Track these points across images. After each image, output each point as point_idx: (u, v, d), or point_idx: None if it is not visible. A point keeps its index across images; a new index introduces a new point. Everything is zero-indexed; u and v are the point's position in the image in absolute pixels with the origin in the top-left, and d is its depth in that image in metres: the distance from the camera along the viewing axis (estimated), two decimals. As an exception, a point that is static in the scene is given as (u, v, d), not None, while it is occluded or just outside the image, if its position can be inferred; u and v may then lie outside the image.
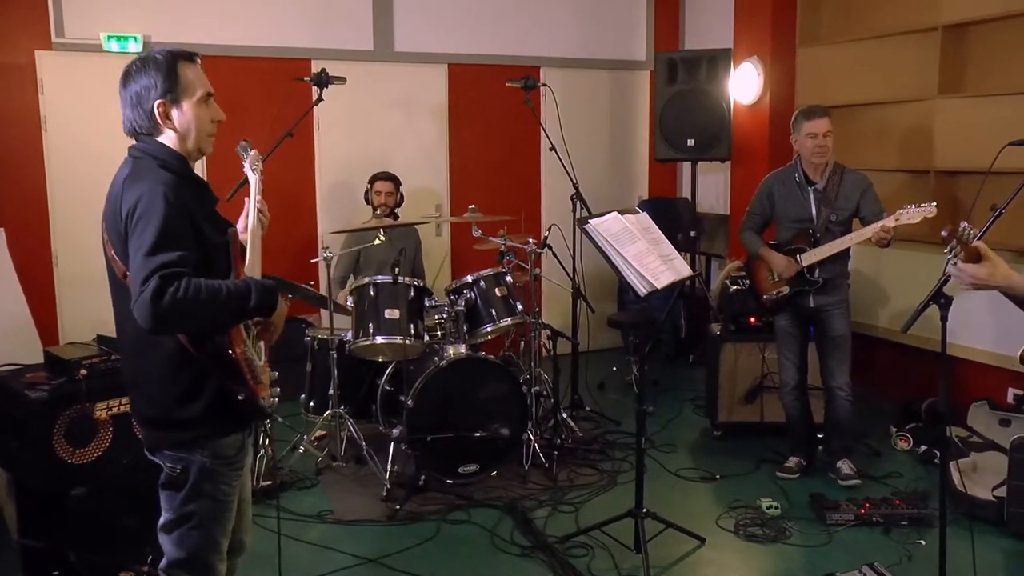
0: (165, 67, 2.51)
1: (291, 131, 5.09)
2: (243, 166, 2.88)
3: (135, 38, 6.07)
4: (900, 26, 6.06)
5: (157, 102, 2.49)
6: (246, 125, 6.03)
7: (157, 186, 2.37)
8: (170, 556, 2.63)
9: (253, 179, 2.85)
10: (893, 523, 4.34)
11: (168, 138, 2.53)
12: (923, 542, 4.18)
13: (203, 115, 2.58)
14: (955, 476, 4.49)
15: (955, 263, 2.76)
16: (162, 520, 2.64)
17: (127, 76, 2.53)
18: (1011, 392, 5.42)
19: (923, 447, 5.31)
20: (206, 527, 2.61)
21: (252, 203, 2.76)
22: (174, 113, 2.52)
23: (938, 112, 5.78)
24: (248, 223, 2.78)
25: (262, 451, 4.75)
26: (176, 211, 2.35)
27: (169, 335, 2.42)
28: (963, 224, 2.74)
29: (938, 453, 4.93)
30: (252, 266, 2.65)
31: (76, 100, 6.02)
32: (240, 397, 2.49)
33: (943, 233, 2.77)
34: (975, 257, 2.75)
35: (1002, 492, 4.33)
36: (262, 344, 2.66)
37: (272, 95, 6.37)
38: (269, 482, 4.71)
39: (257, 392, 2.53)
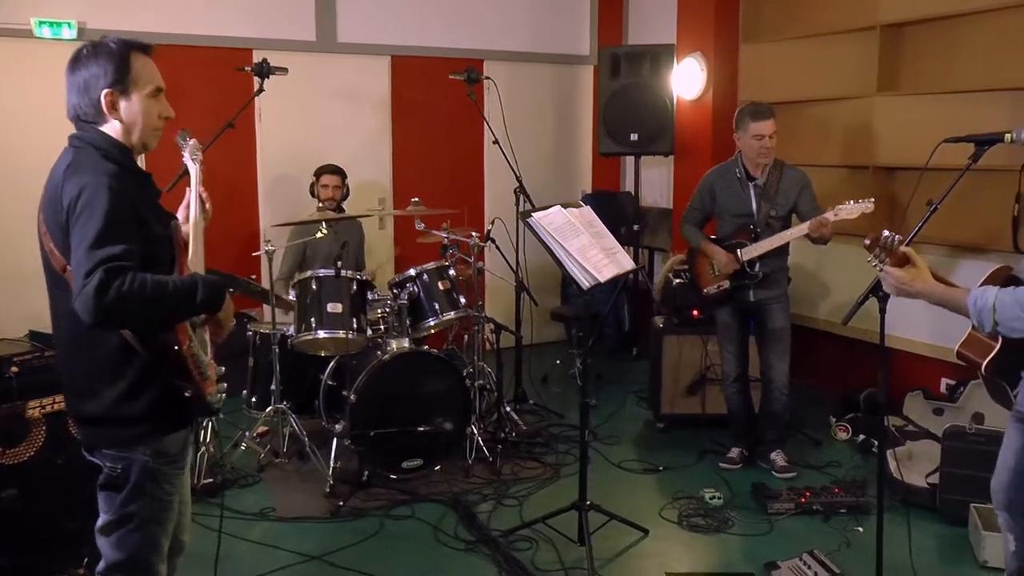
0: (117, 56, 2.44)
1: (232, 122, 5.01)
2: (182, 156, 2.82)
3: (69, 24, 5.90)
4: (840, 25, 6.14)
5: (105, 91, 2.42)
6: (186, 116, 5.86)
7: (101, 177, 2.30)
8: (109, 559, 2.55)
9: (194, 169, 2.79)
10: (832, 511, 4.41)
11: (112, 128, 2.46)
12: (861, 529, 4.26)
13: (151, 109, 2.52)
14: (892, 464, 4.57)
15: (881, 269, 2.83)
16: (100, 522, 2.56)
17: (76, 61, 2.45)
18: (944, 382, 5.55)
19: (862, 436, 5.42)
20: (147, 528, 2.54)
21: (194, 193, 2.70)
22: (122, 104, 2.45)
23: (877, 109, 5.87)
24: (190, 214, 2.72)
25: (203, 448, 4.68)
26: (121, 203, 2.29)
27: (111, 330, 2.36)
28: (885, 232, 2.80)
29: (876, 442, 5.03)
30: (195, 258, 2.60)
31: (5, 88, 5.86)
32: (187, 394, 2.44)
33: (866, 241, 2.84)
34: (902, 262, 2.82)
35: (935, 479, 4.43)
36: (207, 338, 2.60)
37: (212, 85, 6.26)
38: (210, 479, 4.64)
39: (204, 388, 2.48)
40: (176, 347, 2.37)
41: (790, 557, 3.90)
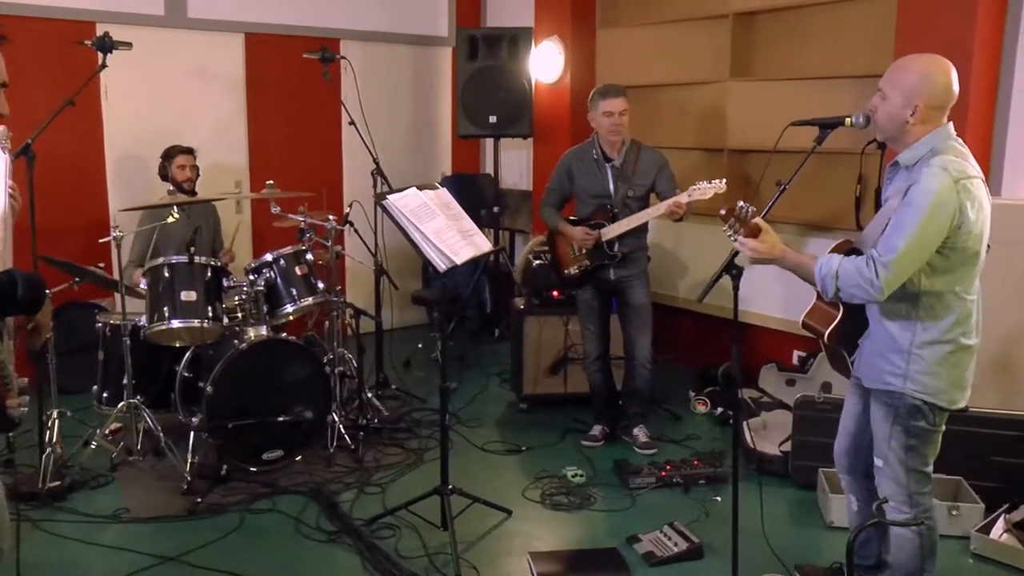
0: None
1: (72, 99, 4.73)
2: None
3: None
4: (694, 12, 6.30)
5: None
6: (22, 93, 5.58)
7: None
8: None
9: (2, 159, 2.58)
10: (692, 483, 4.54)
11: None
12: (719, 498, 4.40)
13: None
14: (747, 435, 4.74)
15: (735, 239, 2.93)
16: None
17: None
18: (796, 354, 5.77)
19: (719, 409, 5.60)
20: None
21: (2, 186, 2.50)
22: None
23: (730, 94, 6.05)
24: None
25: (49, 449, 4.44)
26: None
27: None
28: (740, 203, 2.91)
29: (732, 414, 5.20)
30: (3, 256, 2.39)
31: None
32: None
33: (721, 212, 2.94)
34: (755, 232, 2.92)
35: (788, 447, 4.61)
36: (11, 344, 2.41)
37: (51, 61, 5.92)
38: (57, 483, 4.39)
39: (6, 400, 2.29)
40: None
41: (651, 529, 4.01)
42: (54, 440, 4.51)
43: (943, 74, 2.83)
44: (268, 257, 4.95)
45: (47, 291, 2.31)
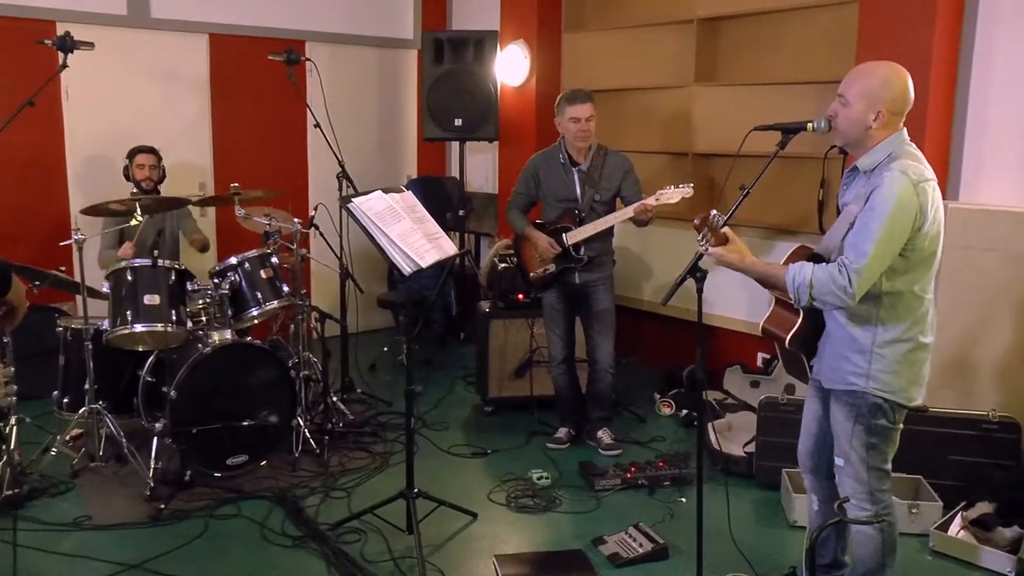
0: None
1: (32, 100, 4.67)
2: None
3: None
4: (659, 17, 6.34)
5: None
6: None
7: None
8: None
9: None
10: (657, 484, 4.57)
11: None
12: (684, 500, 4.43)
13: None
14: (712, 436, 4.77)
15: (706, 248, 2.99)
16: None
17: None
18: (760, 356, 5.82)
19: (684, 411, 5.63)
20: None
21: None
22: None
23: (695, 99, 6.09)
24: None
25: (6, 456, 4.37)
26: None
27: None
28: (713, 212, 2.98)
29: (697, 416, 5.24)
30: None
31: None
32: None
33: (695, 222, 3.02)
34: (723, 241, 3.00)
35: (752, 448, 4.66)
36: None
37: (10, 60, 5.85)
38: (15, 490, 4.30)
39: None
40: None
41: (617, 531, 4.03)
42: (12, 447, 4.42)
43: (902, 81, 2.91)
44: (233, 260, 4.91)
45: (11, 271, 2.27)
